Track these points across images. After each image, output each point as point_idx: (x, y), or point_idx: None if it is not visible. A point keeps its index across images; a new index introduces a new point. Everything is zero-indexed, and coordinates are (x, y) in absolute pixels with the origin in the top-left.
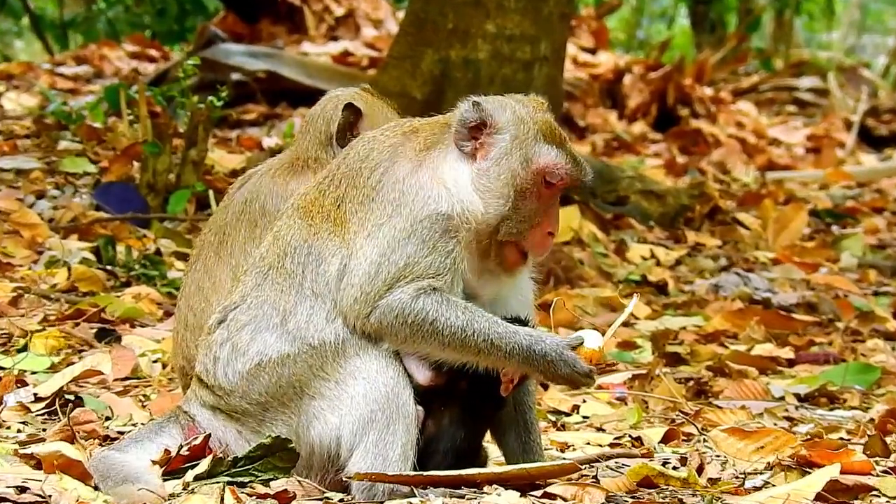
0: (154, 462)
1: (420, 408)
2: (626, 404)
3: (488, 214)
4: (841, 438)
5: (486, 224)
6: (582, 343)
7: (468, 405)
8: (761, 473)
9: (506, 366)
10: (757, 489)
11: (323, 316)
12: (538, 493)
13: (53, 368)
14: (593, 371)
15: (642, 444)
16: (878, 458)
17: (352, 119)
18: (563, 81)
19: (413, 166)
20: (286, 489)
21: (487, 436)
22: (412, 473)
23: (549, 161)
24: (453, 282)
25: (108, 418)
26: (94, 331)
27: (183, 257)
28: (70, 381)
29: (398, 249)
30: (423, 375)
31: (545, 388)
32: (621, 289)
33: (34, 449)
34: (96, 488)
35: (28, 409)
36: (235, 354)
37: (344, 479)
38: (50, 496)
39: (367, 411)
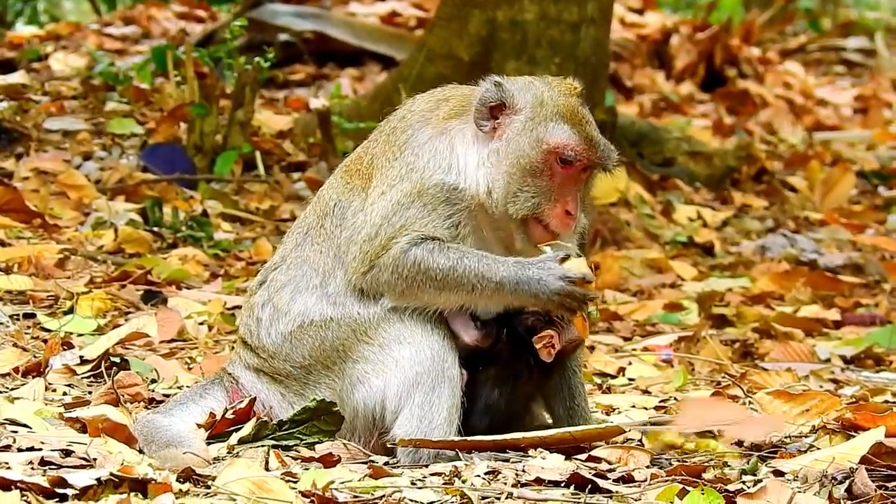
0: (199, 425)
1: (465, 371)
2: (671, 366)
3: (493, 194)
4: (886, 401)
5: (493, 203)
6: (569, 257)
7: (509, 367)
8: (806, 436)
9: (502, 299)
10: (801, 452)
11: None
12: (582, 456)
13: (99, 331)
14: (587, 275)
15: None
16: None
17: None
18: (609, 42)
19: (435, 133)
20: (331, 452)
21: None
22: (456, 439)
23: (560, 140)
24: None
25: (153, 381)
26: (141, 293)
27: (230, 219)
28: (116, 344)
29: (399, 212)
30: (469, 336)
31: (591, 349)
32: (668, 250)
33: (79, 412)
34: (141, 452)
35: (74, 372)
36: (277, 315)
37: (388, 444)
38: (95, 459)
39: (412, 374)
